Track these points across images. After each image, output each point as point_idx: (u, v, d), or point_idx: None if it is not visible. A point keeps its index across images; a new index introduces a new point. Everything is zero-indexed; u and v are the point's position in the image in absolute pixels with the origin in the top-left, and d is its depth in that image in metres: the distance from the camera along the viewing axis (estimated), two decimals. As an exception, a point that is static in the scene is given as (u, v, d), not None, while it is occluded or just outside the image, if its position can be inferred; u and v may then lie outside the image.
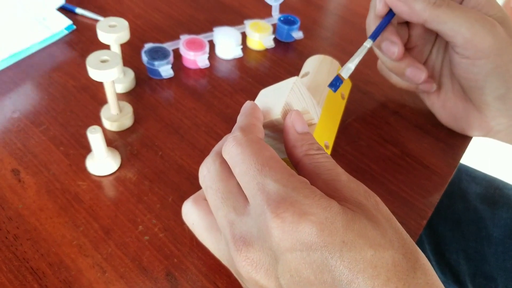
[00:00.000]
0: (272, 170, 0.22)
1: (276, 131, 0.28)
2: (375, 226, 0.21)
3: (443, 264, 0.57)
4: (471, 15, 0.32)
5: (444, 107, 0.40)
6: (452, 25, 0.32)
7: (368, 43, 0.33)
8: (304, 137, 0.26)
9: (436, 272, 0.60)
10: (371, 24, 0.37)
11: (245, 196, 0.23)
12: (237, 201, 0.24)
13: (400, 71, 0.38)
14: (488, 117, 0.37)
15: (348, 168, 0.37)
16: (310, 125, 0.32)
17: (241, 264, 0.22)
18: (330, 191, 0.23)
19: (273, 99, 0.29)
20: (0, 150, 0.36)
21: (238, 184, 0.24)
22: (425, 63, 0.40)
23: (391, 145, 0.40)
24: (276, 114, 0.27)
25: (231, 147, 0.23)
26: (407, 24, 0.38)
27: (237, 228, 0.23)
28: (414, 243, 0.23)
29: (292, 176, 0.22)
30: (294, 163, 0.26)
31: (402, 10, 0.33)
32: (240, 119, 0.26)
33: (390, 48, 0.36)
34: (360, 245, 0.20)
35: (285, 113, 0.27)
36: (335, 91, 0.32)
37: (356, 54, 0.33)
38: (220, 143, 0.27)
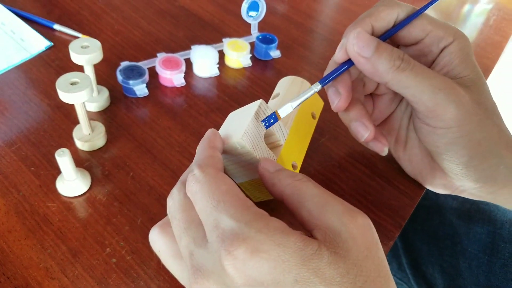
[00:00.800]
0: (226, 205, 0.22)
1: (239, 154, 0.29)
2: (337, 263, 0.21)
3: (419, 277, 0.57)
4: (435, 82, 0.30)
5: (410, 161, 0.38)
6: (414, 92, 0.30)
7: (316, 87, 0.31)
8: (279, 173, 0.26)
9: (413, 286, 0.61)
10: (328, 68, 0.35)
11: None
12: (197, 232, 0.24)
13: (346, 122, 0.36)
14: (453, 179, 0.35)
15: (318, 188, 0.38)
16: (277, 146, 0.32)
17: None
18: (312, 219, 0.23)
19: (238, 123, 0.29)
20: (-30, 171, 0.36)
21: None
22: (392, 114, 0.38)
23: (362, 166, 0.40)
24: (237, 137, 0.27)
25: (191, 186, 0.24)
26: None
27: (195, 259, 0.23)
28: (388, 277, 0.23)
29: (246, 209, 0.22)
30: (279, 199, 0.26)
31: (365, 67, 0.31)
32: (198, 151, 0.27)
33: (332, 97, 0.34)
34: (314, 283, 0.20)
35: (247, 137, 0.28)
36: (266, 128, 0.30)
37: (300, 95, 0.31)
38: (186, 172, 0.28)
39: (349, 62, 0.32)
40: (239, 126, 0.29)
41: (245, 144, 0.28)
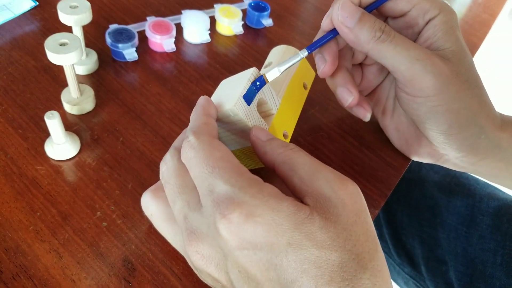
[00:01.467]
0: (221, 171, 0.23)
1: (231, 122, 0.29)
2: (328, 228, 0.22)
3: (400, 247, 0.60)
4: (413, 53, 0.31)
5: (397, 130, 0.39)
6: (392, 62, 0.31)
7: (302, 53, 0.32)
8: (271, 142, 0.27)
9: (393, 255, 0.63)
10: (318, 35, 0.35)
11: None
12: (191, 196, 0.24)
13: (332, 88, 0.37)
14: (437, 148, 0.36)
15: (308, 158, 0.38)
16: (269, 115, 0.32)
17: (193, 257, 0.23)
18: (304, 186, 0.24)
19: (230, 91, 0.29)
20: (-46, 132, 0.35)
21: (193, 181, 0.25)
22: (380, 85, 0.39)
23: (351, 137, 0.41)
24: (230, 104, 0.27)
25: (186, 152, 0.25)
26: None
27: (190, 222, 0.24)
28: (376, 242, 0.23)
29: (241, 175, 0.23)
30: (270, 168, 0.27)
31: (347, 37, 0.32)
32: (192, 118, 0.27)
33: (319, 63, 0.35)
34: (306, 246, 0.21)
35: (240, 105, 0.28)
36: (256, 91, 0.30)
37: (287, 61, 0.31)
38: (178, 138, 0.28)
39: (335, 31, 0.33)
40: (232, 94, 0.29)
41: (238, 111, 0.28)
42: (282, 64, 0.31)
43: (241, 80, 0.30)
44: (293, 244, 0.21)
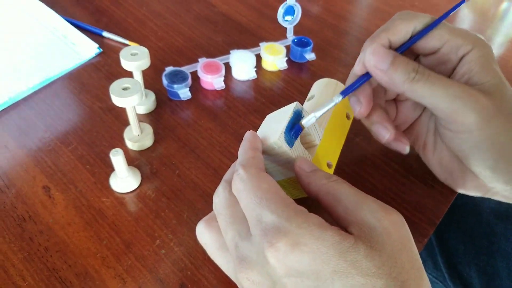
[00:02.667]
0: (268, 201, 0.25)
1: (276, 154, 0.31)
2: (373, 256, 0.23)
3: (455, 276, 0.57)
4: (451, 90, 0.30)
5: (440, 164, 0.38)
6: (431, 101, 0.31)
7: (337, 99, 0.32)
8: (315, 173, 0.28)
9: (449, 285, 0.60)
10: (349, 79, 0.36)
11: None
12: (242, 226, 0.26)
13: (368, 126, 0.37)
14: (484, 181, 0.35)
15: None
16: (312, 146, 0.34)
17: (244, 284, 0.25)
18: (348, 216, 0.25)
19: (275, 124, 0.31)
20: (32, 168, 0.39)
21: (243, 212, 0.27)
22: (418, 119, 0.39)
23: (396, 164, 0.41)
24: (274, 138, 0.29)
25: (236, 185, 0.27)
26: None
27: (241, 251, 0.25)
28: (422, 270, 0.24)
29: (287, 206, 0.24)
30: (314, 198, 0.28)
31: (382, 80, 0.32)
32: (240, 152, 0.29)
33: (354, 105, 0.35)
34: (352, 274, 0.22)
35: (284, 138, 0.30)
36: (295, 138, 0.31)
37: (323, 106, 0.32)
38: (228, 171, 0.30)
39: (367, 74, 0.33)
40: (276, 127, 0.31)
41: (282, 144, 0.29)
42: (318, 110, 0.32)
43: (284, 114, 0.32)
44: (338, 272, 0.22)
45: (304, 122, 0.32)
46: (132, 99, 0.36)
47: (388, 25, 0.33)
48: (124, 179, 0.37)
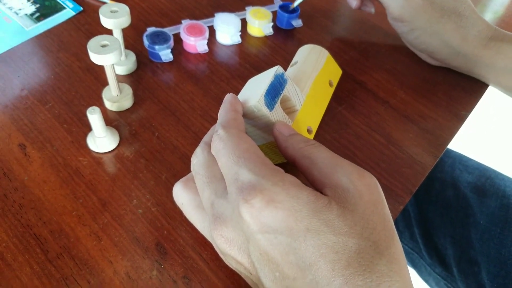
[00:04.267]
0: (246, 161, 0.25)
1: (257, 117, 0.30)
2: (346, 216, 0.23)
3: (431, 247, 0.59)
4: None
5: None
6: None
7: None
8: (292, 137, 0.28)
9: (424, 255, 0.62)
10: None
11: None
12: (218, 185, 0.26)
13: None
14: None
15: (333, 154, 0.39)
16: (293, 111, 0.34)
17: (218, 240, 0.25)
18: (323, 178, 0.25)
19: (255, 88, 0.31)
20: (8, 126, 0.38)
21: (221, 171, 0.27)
22: None
23: (377, 134, 0.42)
24: (254, 101, 0.29)
25: (216, 144, 0.27)
26: None
27: (216, 208, 0.25)
28: (393, 231, 0.24)
29: (264, 165, 0.24)
30: (291, 162, 0.28)
31: None
32: (221, 113, 0.29)
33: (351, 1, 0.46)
34: (324, 232, 0.22)
35: (264, 101, 0.30)
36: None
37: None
38: (208, 133, 0.30)
39: None
40: (257, 91, 0.30)
41: (261, 107, 0.29)
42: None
43: (265, 78, 0.31)
44: (311, 229, 0.22)
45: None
46: (110, 56, 0.35)
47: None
48: (101, 139, 0.37)
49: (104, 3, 0.51)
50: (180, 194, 0.30)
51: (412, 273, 0.64)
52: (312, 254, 0.22)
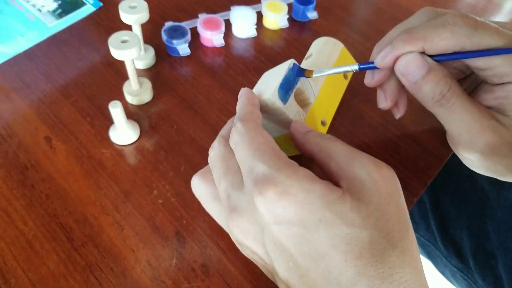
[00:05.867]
0: (262, 154, 0.25)
1: (271, 110, 0.31)
2: (360, 208, 0.23)
3: (447, 239, 0.59)
4: (465, 122, 0.30)
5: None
6: (445, 123, 0.32)
7: (353, 67, 0.32)
8: (308, 134, 0.29)
9: (439, 247, 0.62)
10: (374, 52, 0.34)
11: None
12: (235, 177, 0.27)
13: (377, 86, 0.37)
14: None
15: (348, 146, 0.40)
16: (307, 104, 0.34)
17: (234, 231, 0.26)
18: (340, 171, 0.26)
19: (270, 81, 0.31)
20: (35, 120, 0.40)
21: (238, 164, 0.27)
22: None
23: (392, 127, 0.42)
24: (268, 94, 0.30)
25: (234, 137, 0.27)
26: None
27: (232, 200, 0.26)
28: (408, 223, 0.25)
29: (279, 158, 0.25)
30: (309, 157, 0.29)
31: (408, 87, 0.31)
32: (238, 107, 0.30)
33: (380, 100, 0.36)
34: (337, 224, 0.23)
35: (278, 94, 0.30)
36: (295, 76, 0.32)
37: (337, 67, 0.32)
38: (225, 127, 0.31)
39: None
40: (271, 84, 0.31)
41: (275, 100, 0.30)
42: (330, 69, 0.32)
43: (279, 71, 0.32)
44: (324, 221, 0.23)
45: (313, 74, 0.32)
46: (130, 52, 0.36)
47: (430, 31, 0.29)
48: (123, 132, 0.38)
49: (123, -2, 0.52)
50: (198, 186, 0.31)
51: (428, 264, 0.64)
52: (325, 244, 0.23)
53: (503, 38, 0.28)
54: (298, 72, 0.32)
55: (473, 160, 0.33)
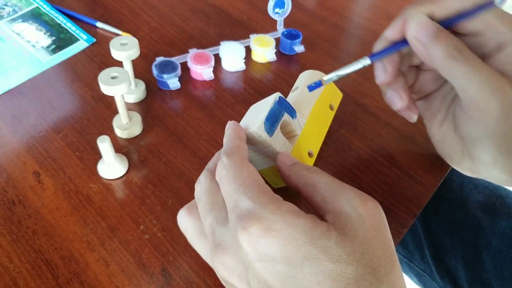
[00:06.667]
0: (246, 188, 0.25)
1: (258, 143, 0.31)
2: (345, 243, 0.23)
3: (442, 269, 0.58)
4: (485, 77, 0.30)
5: (442, 141, 0.38)
6: (462, 83, 0.30)
7: (365, 61, 0.33)
8: (294, 167, 0.29)
9: (435, 278, 0.61)
10: (378, 44, 0.35)
11: None
12: (220, 212, 0.27)
13: (383, 89, 0.37)
14: (480, 166, 0.35)
15: (336, 177, 0.40)
16: (294, 136, 0.35)
17: (218, 268, 0.26)
18: (325, 204, 0.26)
19: (256, 115, 0.32)
20: (24, 154, 0.40)
21: (223, 199, 0.28)
22: (435, 92, 0.38)
23: (380, 156, 0.42)
24: (254, 127, 0.30)
25: (219, 171, 0.27)
26: None
27: (217, 236, 0.26)
28: (394, 258, 0.25)
29: (263, 193, 0.25)
30: (295, 190, 0.29)
31: (420, 52, 0.31)
32: (225, 141, 0.30)
33: (378, 71, 0.35)
34: (321, 260, 0.22)
35: (264, 127, 0.31)
36: (310, 90, 0.34)
37: (348, 66, 0.33)
38: (211, 160, 0.31)
39: (403, 42, 0.32)
40: (257, 117, 0.31)
41: (261, 133, 0.30)
42: (342, 69, 0.33)
43: (265, 105, 0.32)
44: (308, 257, 0.23)
45: (325, 78, 0.33)
46: (119, 87, 0.36)
47: None
48: (111, 166, 0.38)
49: (116, 34, 0.54)
50: (184, 220, 0.31)
51: (425, 295, 0.63)
52: (310, 282, 0.22)
53: None
54: (316, 84, 0.33)
55: (484, 125, 0.31)
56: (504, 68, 0.31)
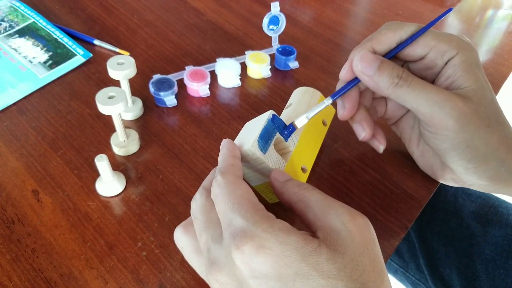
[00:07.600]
0: (240, 207, 0.26)
1: (252, 160, 0.32)
2: (335, 259, 0.24)
3: (437, 278, 0.59)
4: (432, 97, 0.33)
5: (422, 156, 0.42)
6: (412, 105, 0.34)
7: (327, 101, 0.36)
8: (286, 183, 0.30)
9: (430, 286, 0.62)
10: (338, 85, 0.39)
11: None
12: (215, 230, 0.28)
13: (350, 123, 0.40)
14: (460, 175, 0.38)
15: (330, 191, 0.41)
16: (287, 152, 0.35)
17: (213, 285, 0.27)
18: (317, 221, 0.27)
19: (250, 132, 0.33)
20: (23, 173, 0.41)
21: (218, 217, 0.28)
22: (406, 115, 0.41)
23: (372, 171, 0.43)
24: (248, 145, 0.31)
25: (214, 190, 0.28)
26: None
27: (212, 254, 0.27)
28: (383, 272, 0.26)
29: (256, 211, 0.26)
30: (288, 206, 0.30)
31: (369, 84, 0.35)
32: (220, 159, 0.31)
33: (339, 108, 0.38)
34: (313, 276, 0.23)
35: (258, 145, 0.32)
36: (286, 139, 0.35)
37: (314, 108, 0.36)
38: (207, 178, 0.32)
39: (356, 80, 0.36)
40: (251, 135, 0.32)
41: (255, 151, 0.31)
42: (310, 111, 0.35)
43: (259, 122, 0.33)
44: (300, 274, 0.24)
45: (296, 122, 0.35)
46: (117, 107, 0.37)
47: (374, 34, 0.36)
48: (109, 184, 0.39)
49: (114, 51, 0.55)
50: (180, 238, 0.32)
51: (421, 304, 0.63)
52: None
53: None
54: (289, 132, 0.35)
55: (445, 138, 0.34)
56: (453, 80, 0.34)
